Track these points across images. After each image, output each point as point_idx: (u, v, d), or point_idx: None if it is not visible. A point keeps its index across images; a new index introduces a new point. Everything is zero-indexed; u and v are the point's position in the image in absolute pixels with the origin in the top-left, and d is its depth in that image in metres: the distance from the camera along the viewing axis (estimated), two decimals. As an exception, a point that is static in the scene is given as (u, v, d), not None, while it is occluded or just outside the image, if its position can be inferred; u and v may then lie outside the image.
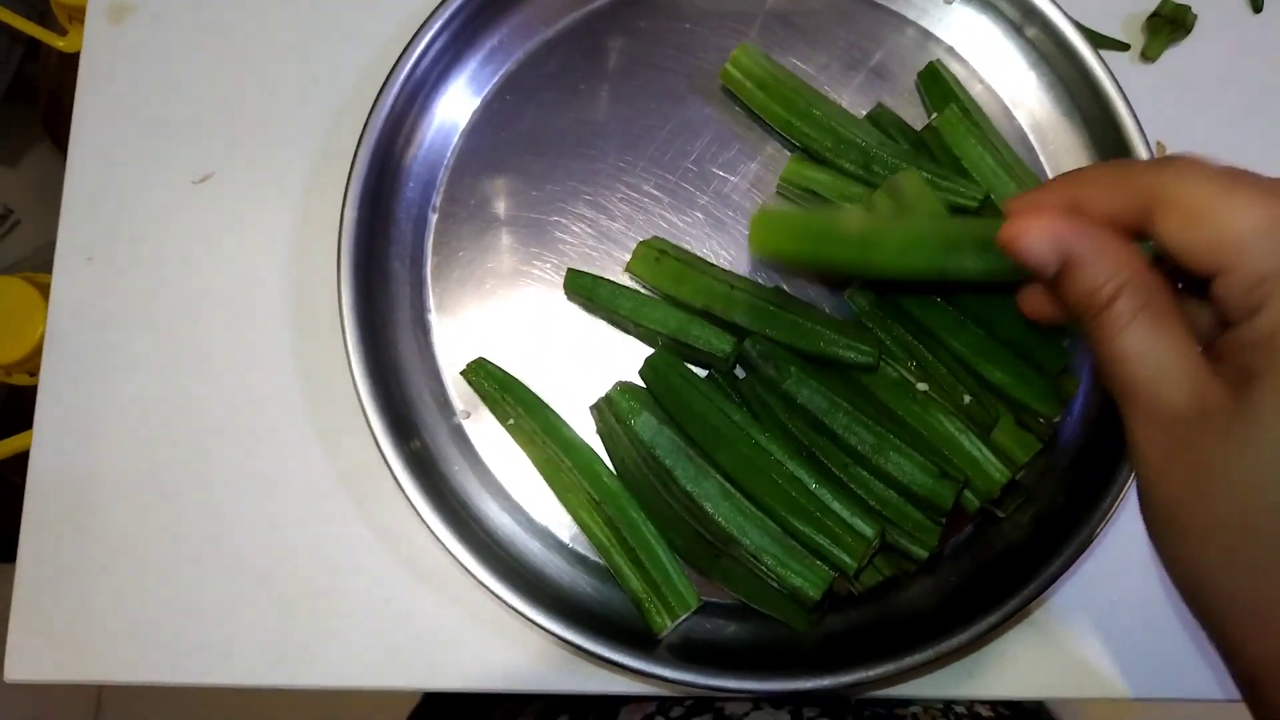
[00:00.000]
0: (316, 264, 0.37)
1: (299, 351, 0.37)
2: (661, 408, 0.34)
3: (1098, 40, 0.40)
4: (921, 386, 0.33)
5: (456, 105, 0.38)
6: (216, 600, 0.35)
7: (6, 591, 0.37)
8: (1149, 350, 0.23)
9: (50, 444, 0.36)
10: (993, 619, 0.33)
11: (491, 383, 0.35)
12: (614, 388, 0.34)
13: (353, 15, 0.39)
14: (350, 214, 0.35)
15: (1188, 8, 0.40)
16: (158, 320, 0.37)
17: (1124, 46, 0.40)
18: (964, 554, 0.36)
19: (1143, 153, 0.36)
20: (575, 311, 0.37)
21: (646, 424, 0.33)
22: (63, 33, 0.53)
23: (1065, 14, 0.37)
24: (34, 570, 0.35)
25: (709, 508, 0.32)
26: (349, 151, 0.35)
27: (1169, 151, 0.39)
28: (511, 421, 0.35)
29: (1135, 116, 0.36)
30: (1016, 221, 0.25)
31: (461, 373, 0.36)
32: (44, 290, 0.49)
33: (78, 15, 0.53)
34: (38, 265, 0.68)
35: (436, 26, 0.36)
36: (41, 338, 0.48)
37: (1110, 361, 0.24)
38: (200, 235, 0.37)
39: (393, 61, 0.36)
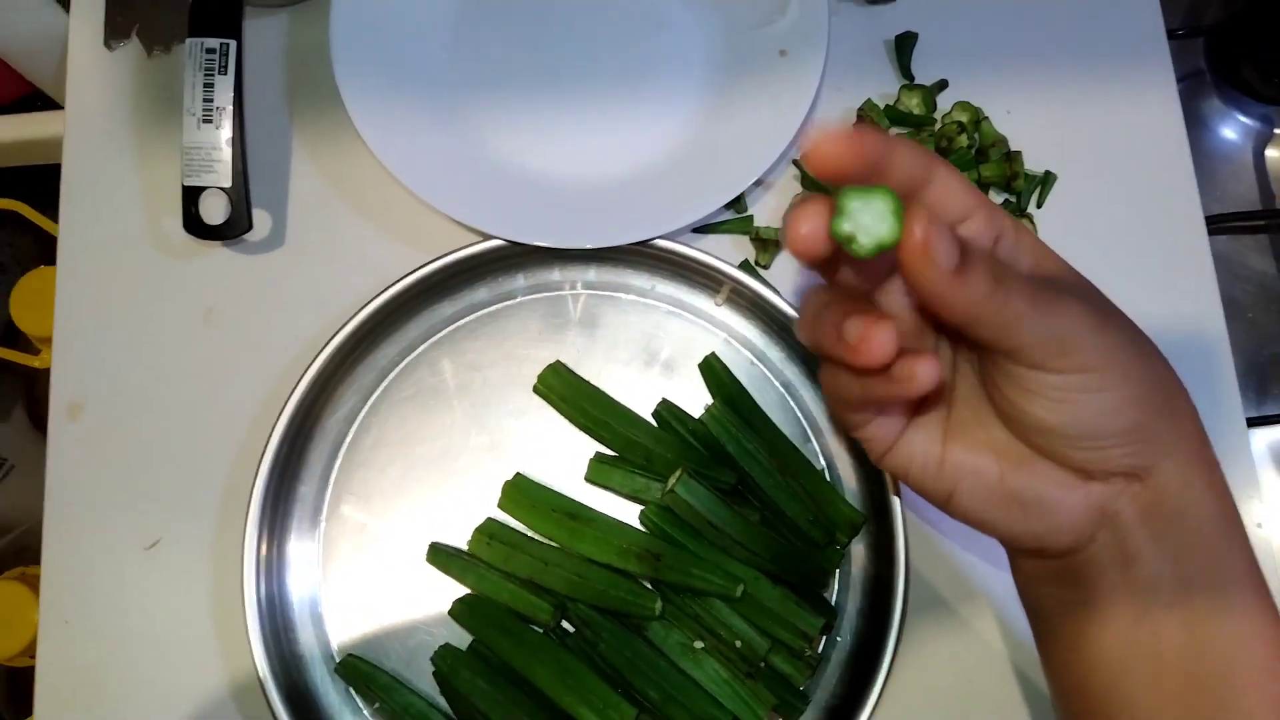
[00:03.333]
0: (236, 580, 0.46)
1: (232, 682, 0.46)
2: (478, 654, 0.44)
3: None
4: (698, 644, 0.43)
5: (330, 437, 0.48)
6: None
7: None
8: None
9: None
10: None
11: (357, 677, 0.44)
12: (436, 652, 0.44)
13: (249, 373, 0.49)
14: (250, 546, 0.45)
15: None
16: (124, 670, 0.46)
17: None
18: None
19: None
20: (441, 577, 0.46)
21: (463, 680, 0.43)
22: (36, 352, 0.64)
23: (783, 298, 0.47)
24: None
25: None
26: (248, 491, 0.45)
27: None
28: (376, 705, 0.44)
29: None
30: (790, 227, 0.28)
31: (335, 671, 0.45)
32: (33, 584, 0.59)
33: (46, 341, 0.64)
34: (36, 522, 0.78)
35: (304, 386, 0.46)
36: (33, 634, 0.58)
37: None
38: (153, 591, 0.47)
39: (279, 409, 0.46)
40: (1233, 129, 0.66)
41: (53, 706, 0.46)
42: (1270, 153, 0.66)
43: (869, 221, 0.27)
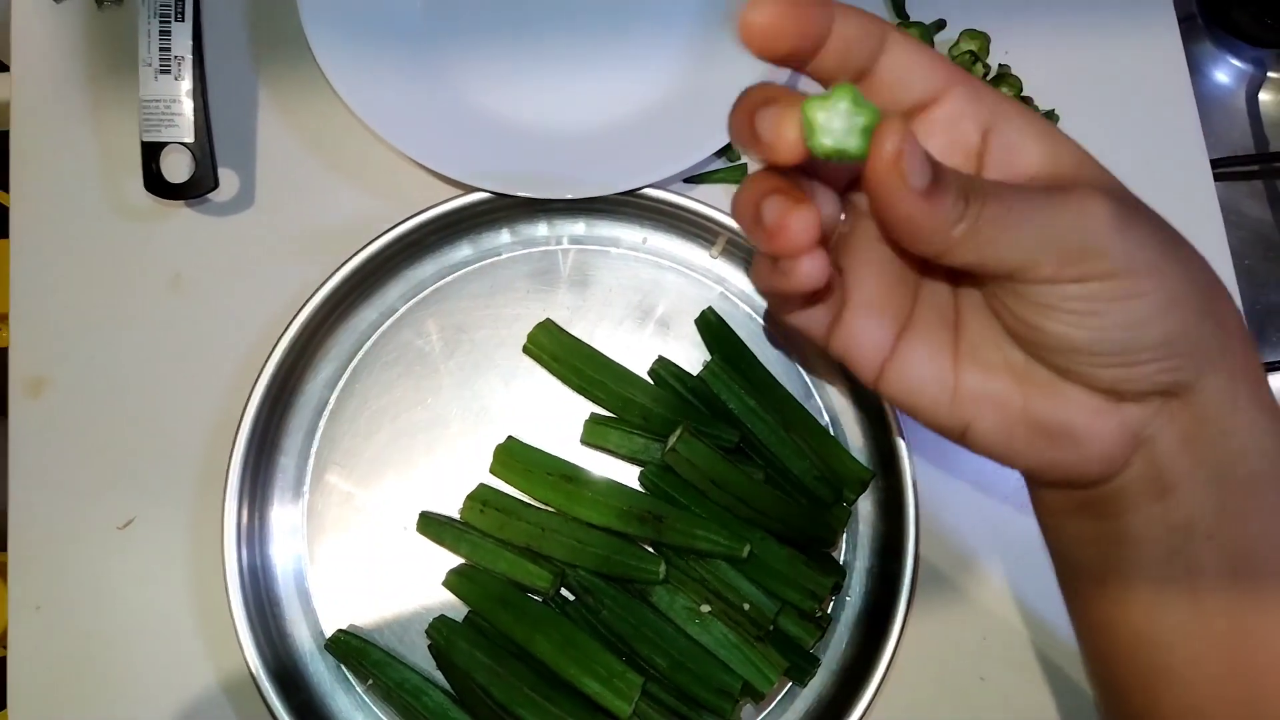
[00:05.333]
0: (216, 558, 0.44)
1: (216, 665, 0.44)
2: (474, 626, 0.42)
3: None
4: (705, 608, 0.41)
5: (311, 405, 0.45)
6: None
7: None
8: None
9: None
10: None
11: (348, 653, 0.42)
12: (431, 624, 0.42)
13: (221, 341, 0.47)
14: (230, 519, 0.42)
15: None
16: (101, 656, 0.44)
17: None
18: (782, 716, 0.44)
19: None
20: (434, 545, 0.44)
21: (460, 653, 0.41)
22: (-9, 331, 0.61)
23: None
24: None
25: (520, 714, 0.39)
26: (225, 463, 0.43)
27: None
28: (369, 682, 0.42)
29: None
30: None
31: (325, 647, 0.43)
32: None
33: (4, 319, 0.61)
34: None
35: (284, 346, 0.44)
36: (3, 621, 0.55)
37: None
38: (129, 573, 0.44)
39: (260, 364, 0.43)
40: (1226, 73, 0.64)
41: (28, 697, 0.44)
42: (1264, 96, 0.64)
43: (836, 126, 0.24)
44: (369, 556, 0.44)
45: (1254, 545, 0.27)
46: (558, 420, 0.45)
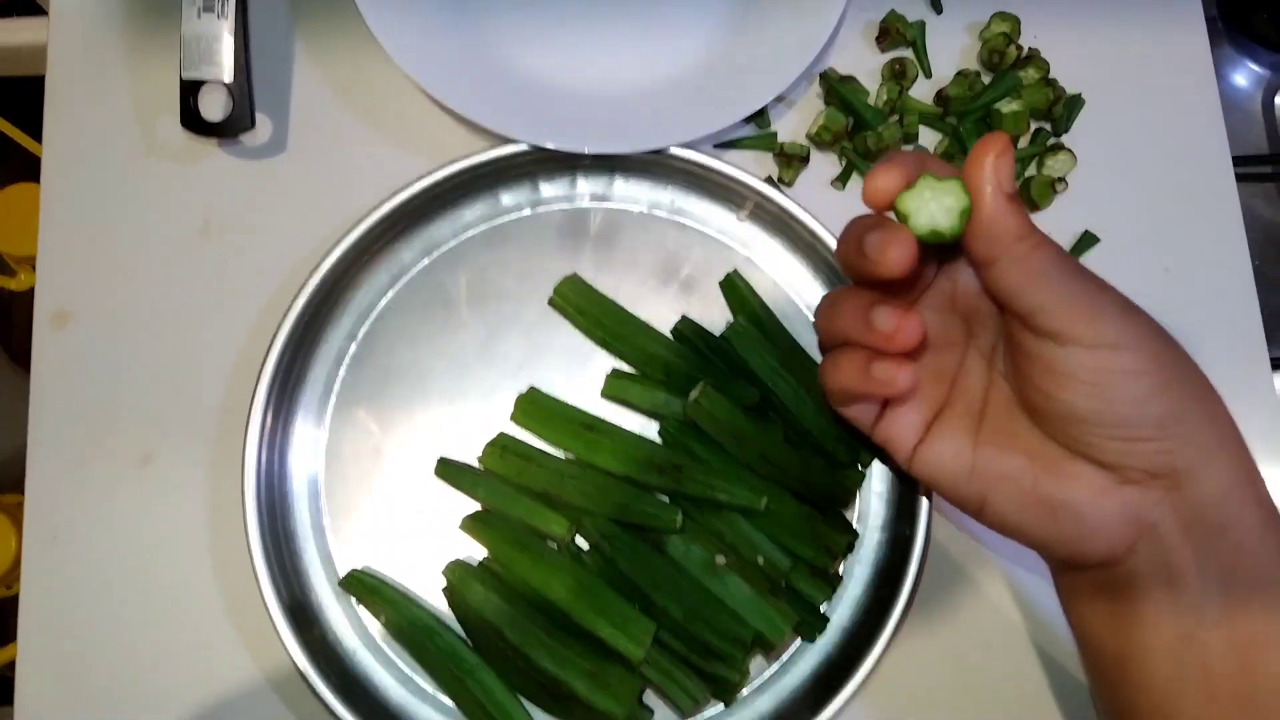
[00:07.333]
0: (234, 495, 0.44)
1: (230, 598, 0.44)
2: (489, 570, 0.42)
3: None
4: (720, 559, 0.41)
5: (335, 348, 0.46)
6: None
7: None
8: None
9: (33, 689, 0.43)
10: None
11: (362, 590, 0.42)
12: (447, 566, 0.42)
13: (248, 284, 0.47)
14: (251, 455, 0.42)
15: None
16: (115, 588, 0.44)
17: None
18: (788, 673, 0.44)
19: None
20: (451, 490, 0.44)
21: (475, 594, 0.41)
22: (13, 273, 0.61)
23: (830, 232, 0.45)
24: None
25: (532, 655, 0.40)
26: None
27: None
28: (383, 619, 0.42)
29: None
30: (871, 179, 0.31)
31: (340, 584, 0.43)
32: (10, 511, 0.57)
33: (26, 261, 0.61)
34: (8, 468, 0.74)
35: (313, 284, 0.44)
36: (14, 559, 0.55)
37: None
38: (147, 508, 0.45)
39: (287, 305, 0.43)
40: (1244, 76, 0.65)
41: (39, 628, 0.44)
42: (1281, 100, 0.65)
43: (934, 209, 0.30)
44: (387, 500, 0.45)
45: (1256, 638, 0.30)
46: (579, 374, 0.46)
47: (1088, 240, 0.48)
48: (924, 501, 0.43)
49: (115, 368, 0.46)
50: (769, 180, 0.47)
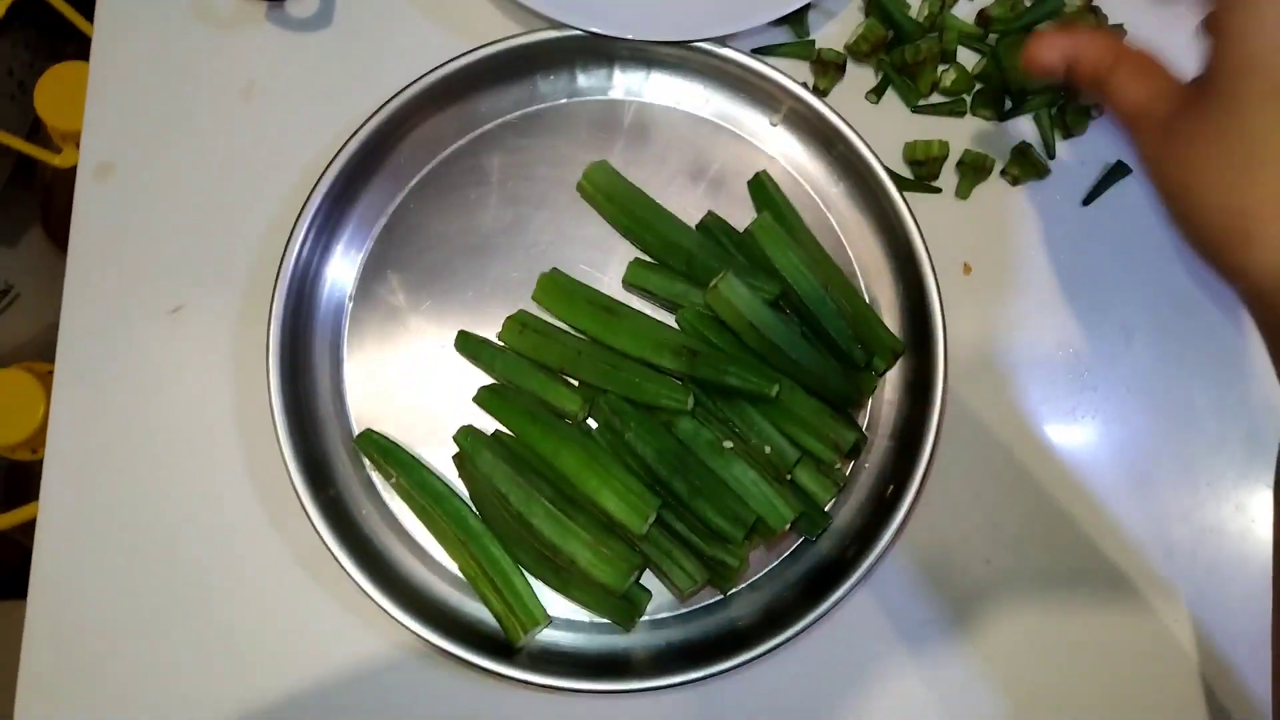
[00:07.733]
0: (259, 349, 0.45)
1: (249, 453, 0.45)
2: (500, 440, 0.43)
3: (906, 184, 0.48)
4: (727, 444, 0.42)
5: (368, 215, 0.47)
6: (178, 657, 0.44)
7: (12, 626, 0.46)
8: (1138, 90, 0.35)
9: (53, 541, 0.45)
10: (800, 625, 0.41)
11: (375, 450, 0.43)
12: (458, 431, 0.43)
13: (285, 149, 0.48)
14: (279, 309, 0.43)
15: (985, 155, 0.48)
16: (139, 429, 0.45)
17: (936, 190, 0.48)
18: (786, 571, 0.45)
19: (918, 242, 0.44)
20: (466, 365, 0.45)
21: (484, 460, 0.42)
22: (57, 150, 0.62)
23: (864, 142, 0.45)
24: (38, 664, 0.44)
25: (535, 524, 0.40)
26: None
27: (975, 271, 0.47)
28: (393, 480, 0.43)
29: (915, 220, 0.44)
30: (1031, 47, 0.36)
31: (355, 442, 0.44)
32: (41, 378, 0.58)
33: (71, 137, 0.63)
34: (40, 346, 0.76)
35: (353, 148, 0.45)
36: (41, 421, 0.56)
37: (1116, 106, 0.35)
38: (174, 357, 0.46)
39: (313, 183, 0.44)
40: None
41: (62, 472, 0.45)
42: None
43: None
44: (405, 369, 0.46)
45: None
46: (602, 260, 0.46)
47: (1120, 170, 0.48)
48: (934, 413, 0.43)
49: (153, 220, 0.47)
50: (804, 86, 0.47)
